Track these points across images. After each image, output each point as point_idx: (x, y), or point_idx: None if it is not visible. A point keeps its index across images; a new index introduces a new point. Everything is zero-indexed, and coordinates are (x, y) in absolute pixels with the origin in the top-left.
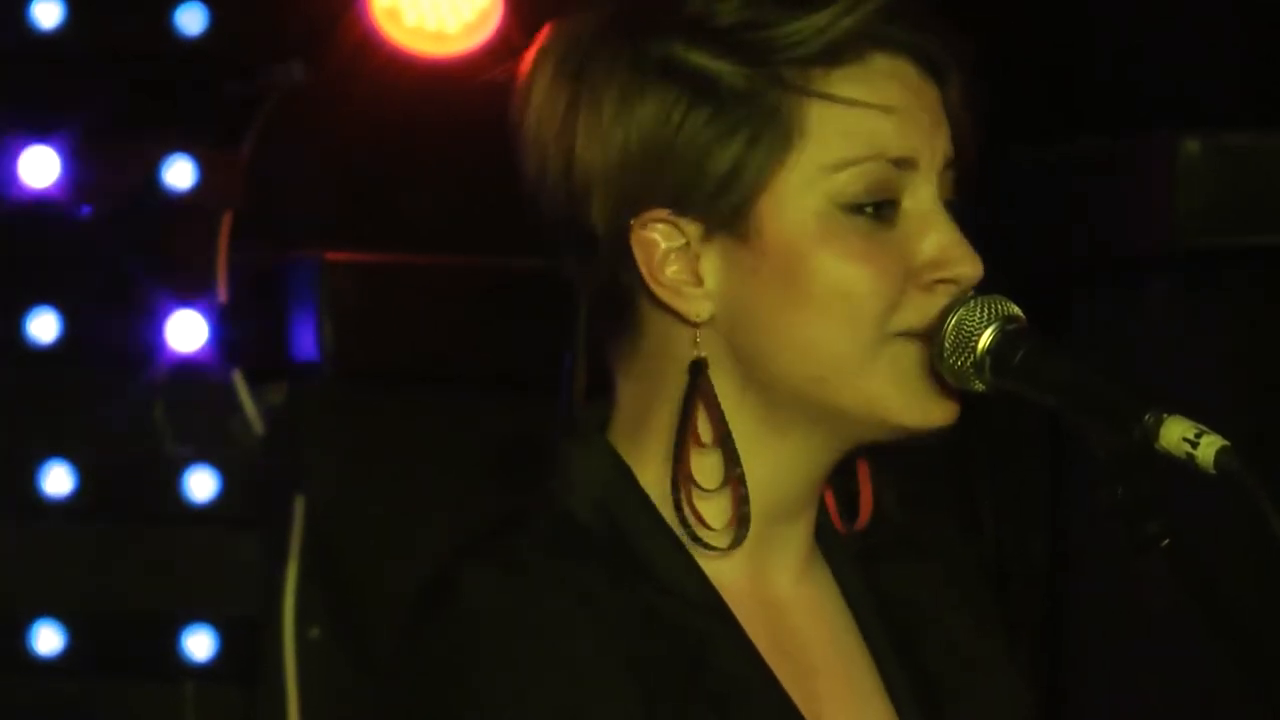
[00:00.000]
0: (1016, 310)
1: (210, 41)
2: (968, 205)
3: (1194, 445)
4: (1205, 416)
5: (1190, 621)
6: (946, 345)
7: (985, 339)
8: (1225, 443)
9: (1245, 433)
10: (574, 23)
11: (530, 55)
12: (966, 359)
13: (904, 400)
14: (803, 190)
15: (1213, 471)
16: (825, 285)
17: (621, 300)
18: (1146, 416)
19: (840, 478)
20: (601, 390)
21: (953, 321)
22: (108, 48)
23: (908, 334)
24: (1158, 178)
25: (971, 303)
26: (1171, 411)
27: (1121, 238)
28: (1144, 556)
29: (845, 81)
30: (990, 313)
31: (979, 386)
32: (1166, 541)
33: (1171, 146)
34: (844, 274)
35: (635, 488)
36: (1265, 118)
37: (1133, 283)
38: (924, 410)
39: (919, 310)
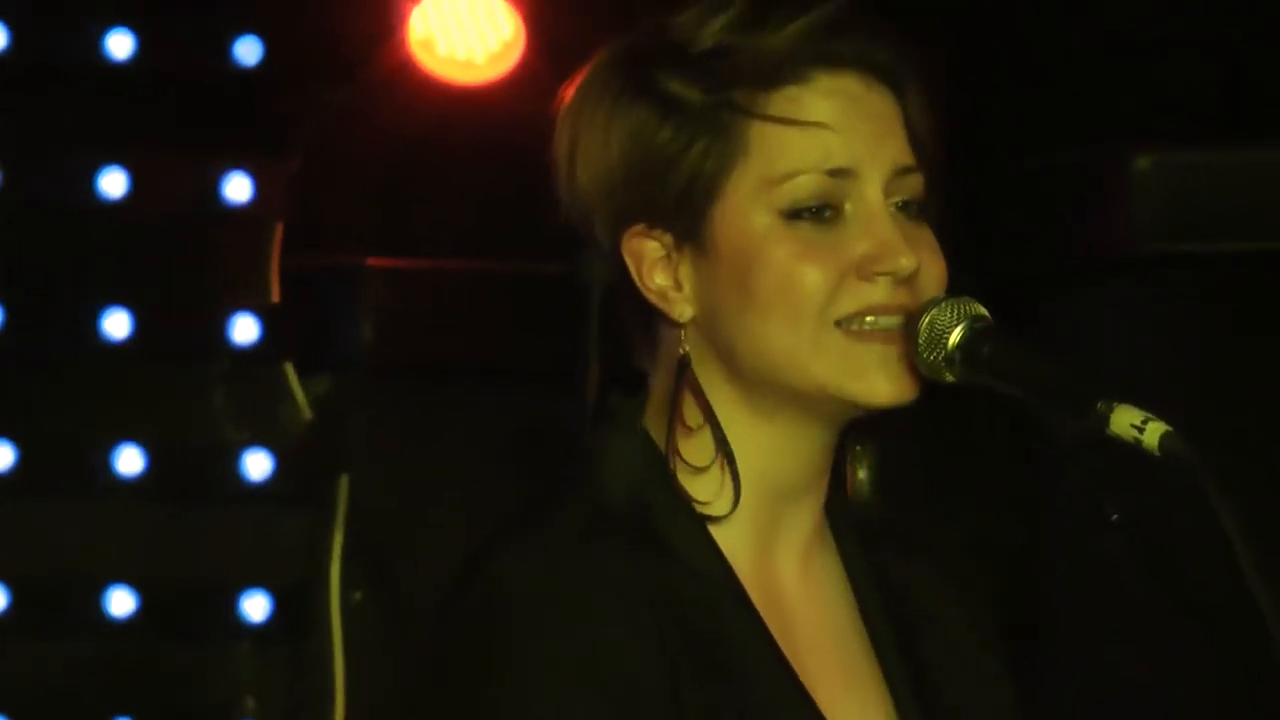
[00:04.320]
0: (983, 310)
1: (264, 70)
2: (941, 210)
3: (1141, 430)
4: (1155, 406)
5: (1151, 595)
6: (920, 341)
7: (955, 336)
8: (1168, 428)
9: (1188, 420)
10: (594, 60)
11: (562, 95)
12: (938, 354)
13: (849, 379)
14: (749, 201)
15: (1158, 453)
16: (768, 286)
17: (630, 305)
18: (1099, 405)
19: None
20: (615, 383)
21: (926, 320)
22: (173, 75)
23: (847, 319)
24: (1114, 191)
25: (943, 304)
26: (1122, 400)
27: (1082, 245)
28: (1105, 531)
29: (784, 101)
30: (959, 313)
31: (950, 378)
32: (1116, 516)
33: (1126, 163)
34: (784, 275)
35: (662, 470)
36: (1211, 137)
37: (1092, 285)
38: (871, 388)
39: (858, 297)
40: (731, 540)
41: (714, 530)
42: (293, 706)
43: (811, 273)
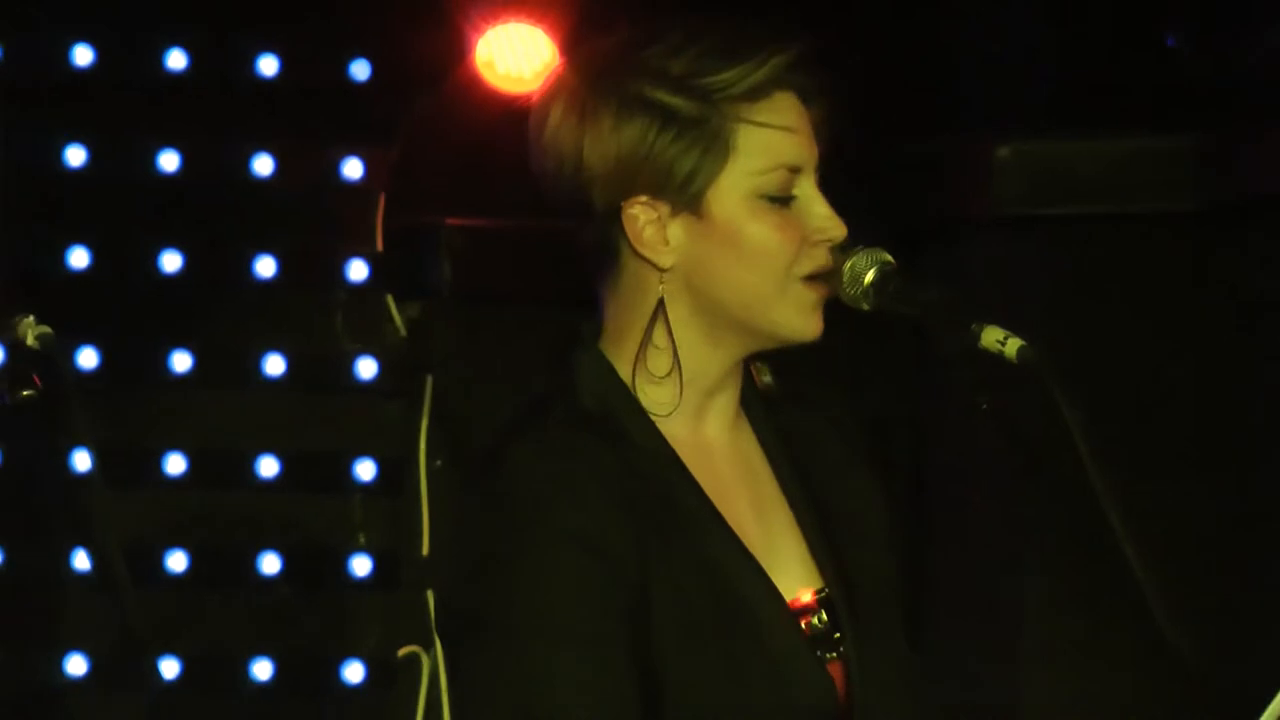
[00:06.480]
0: (890, 257)
1: (372, 83)
2: (848, 186)
3: (1003, 344)
4: (1011, 327)
5: (1009, 463)
6: (844, 280)
7: (870, 275)
8: (1024, 342)
9: (1042, 341)
10: (571, 71)
11: (544, 92)
12: (857, 289)
13: (797, 322)
14: (736, 186)
15: (1015, 361)
16: (750, 247)
17: (609, 253)
18: (974, 325)
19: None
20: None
21: (848, 264)
22: (306, 86)
23: (806, 278)
24: (981, 169)
25: (861, 251)
26: (990, 322)
27: (959, 209)
28: (977, 416)
29: (762, 112)
30: (873, 259)
31: (866, 307)
32: (985, 405)
33: (990, 148)
34: (762, 240)
35: (618, 379)
36: (1053, 128)
37: (963, 238)
38: (807, 326)
39: (812, 260)
40: (673, 428)
41: (659, 422)
42: (392, 542)
43: (783, 241)
